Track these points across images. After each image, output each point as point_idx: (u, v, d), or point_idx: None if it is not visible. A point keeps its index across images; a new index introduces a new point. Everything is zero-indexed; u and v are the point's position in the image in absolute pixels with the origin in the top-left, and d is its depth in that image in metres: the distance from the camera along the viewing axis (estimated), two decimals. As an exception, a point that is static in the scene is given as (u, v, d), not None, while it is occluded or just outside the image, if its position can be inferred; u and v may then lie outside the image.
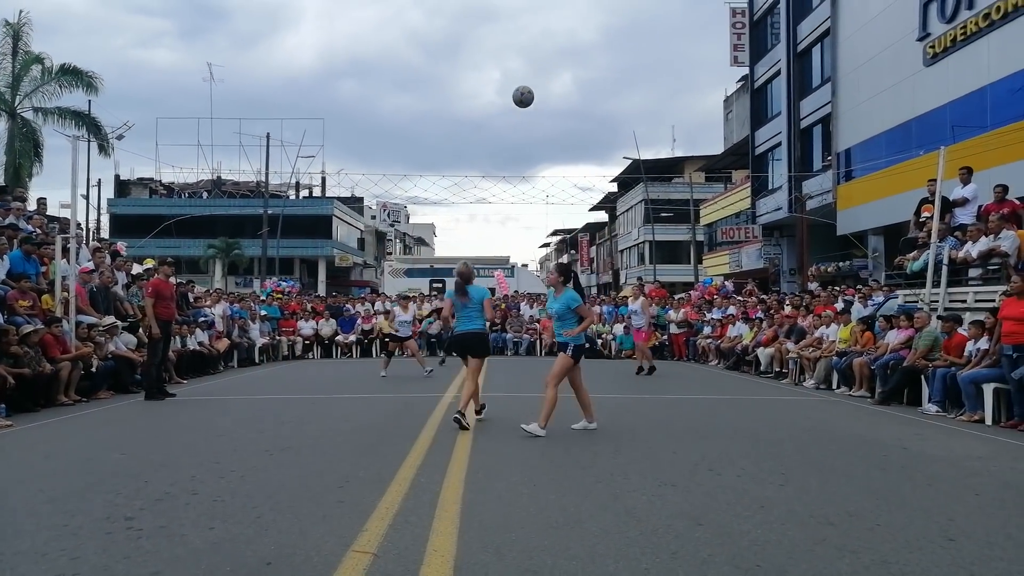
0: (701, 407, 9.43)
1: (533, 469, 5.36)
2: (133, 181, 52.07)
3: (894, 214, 18.16)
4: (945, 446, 6.72)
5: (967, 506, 4.51)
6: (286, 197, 47.97)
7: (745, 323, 16.18)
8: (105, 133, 29.05)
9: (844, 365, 11.23)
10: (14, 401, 8.28)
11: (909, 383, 9.65)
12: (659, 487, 4.85)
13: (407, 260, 56.52)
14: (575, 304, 7.04)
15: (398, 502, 4.38)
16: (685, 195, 41.59)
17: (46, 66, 26.40)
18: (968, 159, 12.61)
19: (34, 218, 13.58)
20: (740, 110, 36.55)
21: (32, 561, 3.40)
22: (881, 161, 20.09)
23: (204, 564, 3.34)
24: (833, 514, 4.21)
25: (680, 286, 34.77)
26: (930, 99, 18.71)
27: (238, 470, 5.30)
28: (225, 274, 42.60)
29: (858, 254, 23.10)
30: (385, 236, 66.55)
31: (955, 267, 11.00)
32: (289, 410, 8.86)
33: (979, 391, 8.27)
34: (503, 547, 3.59)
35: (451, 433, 6.80)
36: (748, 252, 32.14)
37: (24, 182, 24.92)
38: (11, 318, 9.29)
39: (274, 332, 19.25)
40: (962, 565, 3.41)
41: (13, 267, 10.45)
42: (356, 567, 3.29)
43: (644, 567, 3.33)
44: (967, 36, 17.28)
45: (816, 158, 26.15)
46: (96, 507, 4.31)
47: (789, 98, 26.94)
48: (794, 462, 5.78)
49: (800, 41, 26.52)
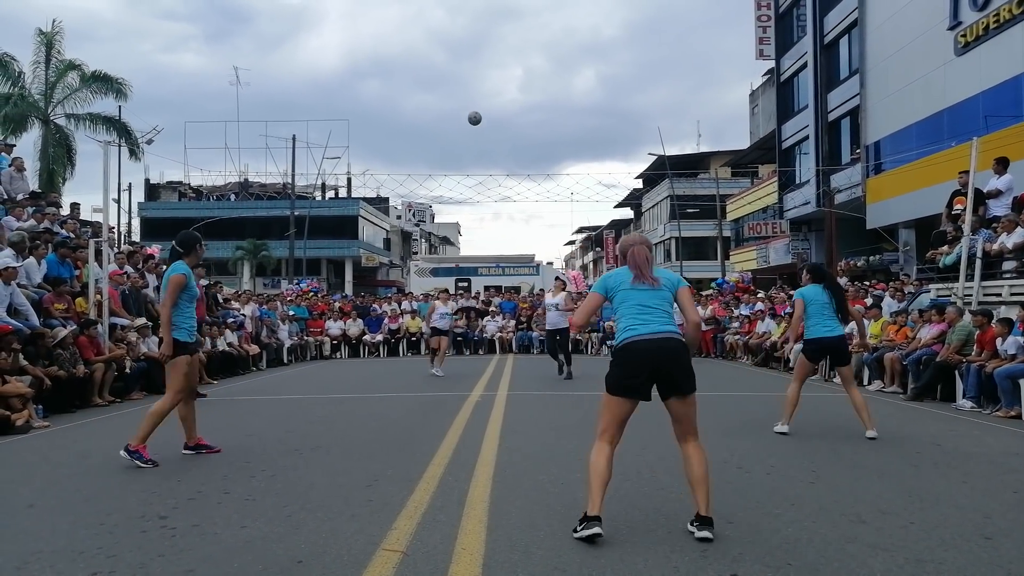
0: (729, 404, 9.35)
1: (560, 467, 5.35)
2: (163, 185, 52.89)
3: (925, 207, 17.84)
4: (980, 442, 6.59)
5: (1004, 503, 4.42)
6: (312, 198, 48.41)
7: (773, 319, 16.02)
8: (135, 138, 29.48)
9: (872, 360, 11.08)
10: (51, 402, 8.46)
11: (943, 378, 9.50)
12: (688, 485, 4.81)
13: (433, 259, 56.63)
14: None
15: (426, 501, 4.41)
16: (711, 191, 41.25)
17: (82, 72, 26.89)
18: (1002, 150, 12.36)
19: (68, 223, 13.86)
20: (766, 104, 36.16)
21: (70, 559, 3.47)
22: (912, 153, 19.75)
23: (236, 562, 3.38)
24: (865, 512, 4.15)
25: (707, 283, 34.53)
26: (962, 89, 18.37)
27: (268, 469, 5.37)
28: (253, 275, 43.08)
29: (888, 248, 22.74)
30: (411, 236, 66.83)
31: (989, 260, 10.79)
32: (318, 410, 8.94)
33: (1015, 386, 8.10)
34: (531, 546, 3.59)
35: (478, 431, 6.82)
36: (776, 247, 31.80)
37: (58, 187, 25.44)
38: (47, 321, 9.49)
39: (302, 332, 19.44)
40: (1000, 564, 3.34)
41: (49, 271, 10.68)
42: (386, 565, 3.32)
43: (674, 565, 3.31)
44: (1000, 24, 16.92)
45: (845, 151, 25.79)
46: (131, 506, 4.39)
47: (816, 91, 26.59)
48: (825, 459, 5.71)
49: (827, 33, 26.16)
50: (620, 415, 3.82)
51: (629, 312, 3.88)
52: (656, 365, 3.77)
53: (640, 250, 3.99)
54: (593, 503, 3.62)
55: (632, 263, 3.95)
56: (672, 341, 3.82)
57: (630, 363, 3.79)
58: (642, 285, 3.90)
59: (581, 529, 3.60)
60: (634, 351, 3.79)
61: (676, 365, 3.78)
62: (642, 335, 3.80)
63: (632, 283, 3.92)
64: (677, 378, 3.78)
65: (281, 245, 40.70)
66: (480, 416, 7.92)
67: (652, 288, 3.90)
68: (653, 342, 3.77)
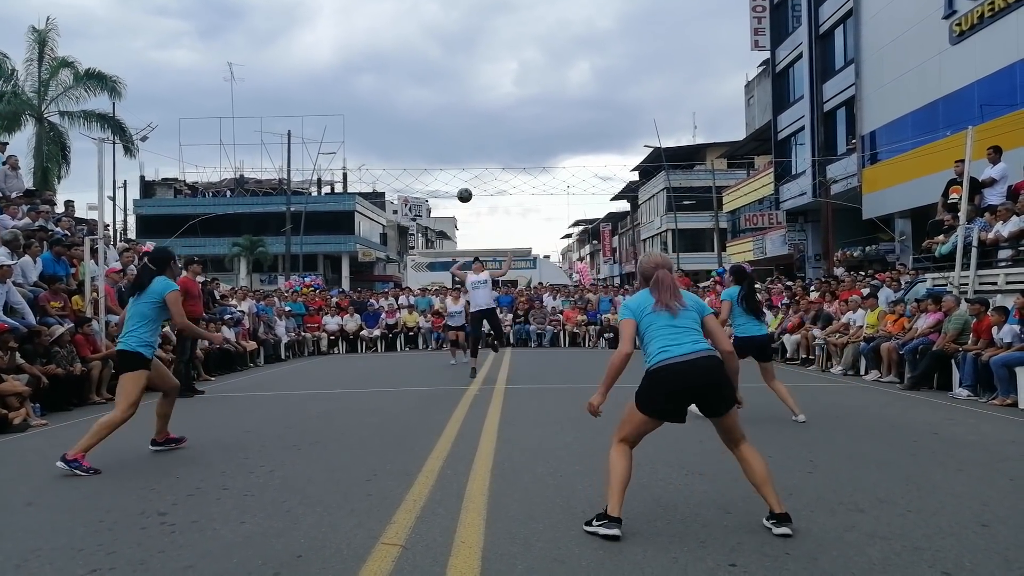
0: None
1: (559, 460, 5.37)
2: (158, 182, 52.75)
3: (921, 196, 17.85)
4: (977, 430, 6.62)
5: (1001, 491, 4.44)
6: (308, 194, 48.28)
7: (770, 310, 16.03)
8: (130, 135, 29.40)
9: (869, 350, 11.11)
10: (48, 400, 8.46)
11: (939, 367, 9.52)
12: (686, 476, 4.84)
13: (429, 254, 56.68)
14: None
15: (425, 494, 4.41)
16: (707, 182, 41.23)
17: (75, 70, 26.77)
18: (997, 138, 12.36)
19: (62, 220, 13.84)
20: (762, 95, 36.14)
21: (69, 556, 3.47)
22: (907, 143, 19.75)
23: (236, 558, 3.39)
24: (863, 501, 4.17)
25: (704, 274, 34.54)
26: (957, 78, 18.35)
27: (267, 465, 5.37)
28: (250, 271, 43.03)
29: (884, 238, 22.76)
30: (407, 231, 66.80)
31: (985, 249, 10.80)
32: (316, 405, 8.94)
33: (1011, 374, 8.13)
34: (530, 538, 3.60)
35: (477, 425, 6.83)
36: (772, 238, 31.82)
37: (52, 185, 25.37)
38: (43, 319, 9.47)
39: (299, 328, 19.43)
40: (997, 551, 3.36)
41: (44, 269, 10.66)
42: (385, 559, 3.32)
43: (672, 556, 3.32)
44: (995, 12, 16.89)
45: (840, 141, 25.77)
46: (130, 502, 4.39)
47: (812, 81, 26.56)
48: (822, 449, 5.73)
49: (822, 23, 26.12)
50: (645, 430, 3.76)
51: (660, 333, 3.74)
52: (693, 388, 3.68)
53: (665, 275, 3.82)
54: (614, 504, 3.55)
55: (658, 291, 3.79)
56: (708, 360, 3.68)
57: (666, 388, 3.66)
58: (665, 310, 3.77)
59: (599, 525, 3.54)
60: (670, 375, 3.65)
61: (713, 390, 3.67)
62: (676, 357, 3.65)
63: (654, 308, 3.79)
64: (713, 403, 3.70)
65: (277, 241, 40.60)
66: (478, 410, 7.93)
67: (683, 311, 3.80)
68: (688, 363, 3.64)
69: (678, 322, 3.76)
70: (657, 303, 3.78)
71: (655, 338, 3.75)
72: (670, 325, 3.75)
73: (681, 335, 3.72)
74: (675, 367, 3.64)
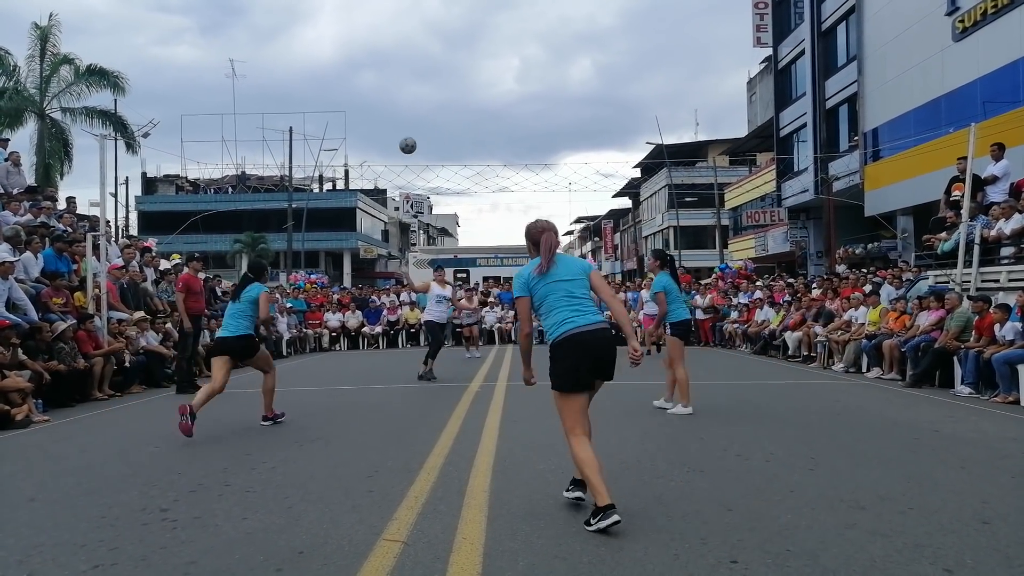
0: (728, 392, 9.36)
1: (560, 457, 5.36)
2: (160, 178, 52.73)
3: (924, 194, 17.82)
4: (978, 428, 6.61)
5: (1002, 488, 4.44)
6: (310, 190, 48.29)
7: (772, 307, 16.04)
8: (131, 131, 29.45)
9: (871, 347, 11.10)
10: (50, 397, 8.47)
11: (941, 365, 9.51)
12: (687, 473, 4.84)
13: (431, 251, 56.69)
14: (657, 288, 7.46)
15: (427, 491, 4.42)
16: (709, 179, 41.14)
17: (76, 66, 26.78)
18: (1000, 135, 12.34)
19: (64, 217, 13.84)
20: (764, 92, 36.05)
21: (71, 552, 3.48)
22: (910, 140, 19.71)
23: (238, 554, 3.39)
24: (864, 498, 4.17)
25: (705, 271, 34.51)
26: (960, 75, 18.31)
27: (269, 461, 5.38)
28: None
29: (886, 235, 22.73)
30: (409, 227, 66.76)
31: (987, 246, 10.79)
32: (317, 402, 8.95)
33: (1013, 372, 8.12)
34: (532, 534, 3.60)
35: (478, 422, 6.83)
36: (774, 235, 31.78)
37: (54, 181, 25.40)
38: (45, 315, 9.49)
39: (301, 325, 19.43)
40: (997, 548, 3.36)
41: (46, 265, 10.67)
42: (387, 555, 3.33)
43: (674, 552, 3.32)
44: (998, 8, 16.85)
45: (843, 138, 25.73)
46: (132, 499, 4.40)
47: (814, 78, 26.51)
48: (824, 446, 5.73)
49: (824, 20, 26.06)
50: (580, 408, 3.84)
51: (560, 303, 3.86)
52: (597, 356, 3.81)
53: (550, 238, 3.96)
54: (600, 494, 3.57)
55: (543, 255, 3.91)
56: (607, 333, 3.88)
57: (577, 355, 3.78)
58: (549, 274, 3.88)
59: (597, 521, 3.54)
60: (578, 343, 3.78)
61: (610, 358, 3.86)
62: (581, 327, 3.80)
63: (536, 272, 3.90)
64: (608, 371, 3.88)
65: (279, 238, 40.62)
66: (480, 406, 7.94)
67: (572, 279, 3.91)
68: (592, 333, 3.80)
69: (576, 291, 3.89)
70: (539, 266, 3.90)
71: (556, 308, 3.87)
72: (570, 295, 3.87)
73: (580, 305, 3.87)
74: (583, 335, 3.78)
